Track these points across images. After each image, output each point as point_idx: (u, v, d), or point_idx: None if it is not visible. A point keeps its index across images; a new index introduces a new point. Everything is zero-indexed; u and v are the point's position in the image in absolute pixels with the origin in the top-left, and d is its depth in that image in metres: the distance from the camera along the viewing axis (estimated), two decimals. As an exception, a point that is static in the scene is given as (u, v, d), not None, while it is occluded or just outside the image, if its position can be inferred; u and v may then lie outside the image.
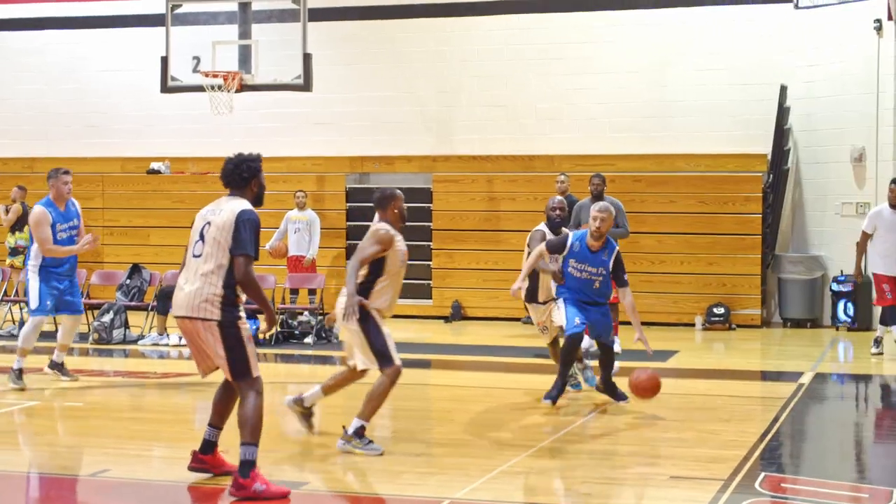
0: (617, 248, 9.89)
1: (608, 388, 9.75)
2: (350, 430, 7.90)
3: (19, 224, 18.16)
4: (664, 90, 19.01)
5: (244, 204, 6.85)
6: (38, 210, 10.36)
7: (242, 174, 7.01)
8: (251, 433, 6.68)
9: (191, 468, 7.37)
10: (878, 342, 14.37)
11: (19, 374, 10.41)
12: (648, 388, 9.21)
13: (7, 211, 19.11)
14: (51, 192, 10.48)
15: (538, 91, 19.58)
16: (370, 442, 7.93)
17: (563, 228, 11.96)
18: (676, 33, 19.10)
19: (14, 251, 18.48)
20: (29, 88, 21.85)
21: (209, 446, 7.21)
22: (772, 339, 17.61)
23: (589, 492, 7.57)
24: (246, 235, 6.74)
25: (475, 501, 7.40)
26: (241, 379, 6.73)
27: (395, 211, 8.04)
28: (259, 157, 7.28)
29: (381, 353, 7.77)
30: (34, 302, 10.76)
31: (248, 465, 6.59)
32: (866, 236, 14.51)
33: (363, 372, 8.51)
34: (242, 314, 6.88)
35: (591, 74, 19.21)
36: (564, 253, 9.89)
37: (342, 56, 20.08)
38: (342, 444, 7.95)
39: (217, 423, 7.14)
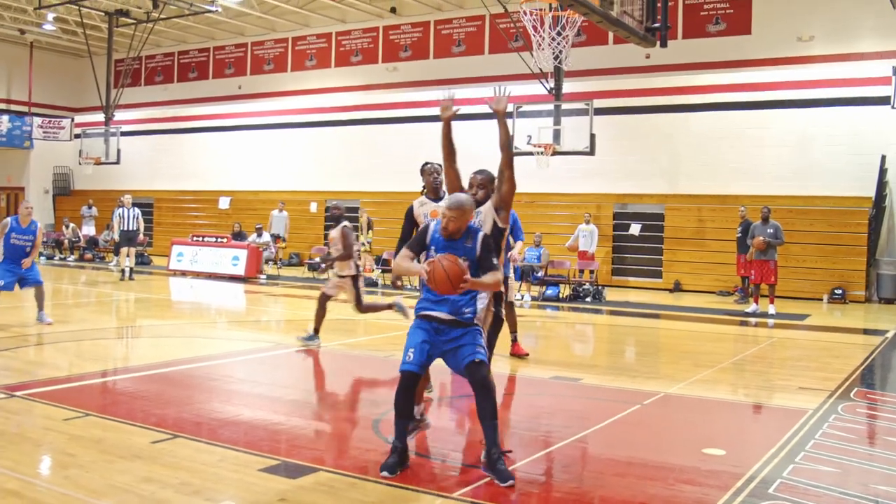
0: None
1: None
2: None
3: None
4: (807, 157, 21.50)
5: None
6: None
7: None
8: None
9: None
10: None
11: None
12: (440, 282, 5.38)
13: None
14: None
15: (729, 156, 22.37)
16: None
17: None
18: (815, 123, 21.48)
19: None
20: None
21: None
22: (871, 310, 18.97)
23: (748, 394, 8.87)
24: None
25: (680, 395, 8.49)
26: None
27: None
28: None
29: None
30: None
31: None
32: None
33: None
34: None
35: (761, 147, 21.92)
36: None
37: (612, 134, 22.91)
38: None
39: None
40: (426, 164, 7.96)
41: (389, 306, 10.88)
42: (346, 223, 11.07)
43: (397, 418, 5.66)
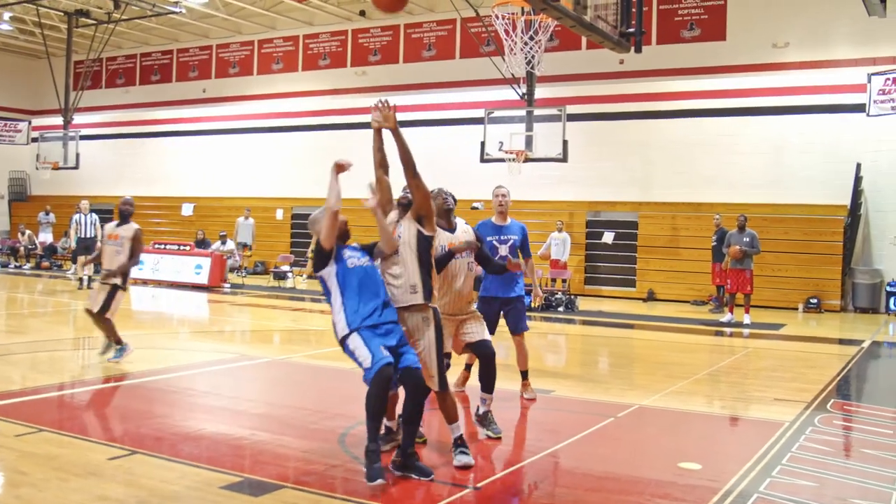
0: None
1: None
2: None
3: None
4: (781, 165, 21.88)
5: None
6: None
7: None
8: None
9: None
10: None
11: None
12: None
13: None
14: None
15: (703, 163, 22.63)
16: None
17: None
18: (789, 130, 21.79)
19: None
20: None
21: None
22: (846, 319, 19.27)
23: (723, 405, 9.01)
24: None
25: (655, 407, 8.62)
26: None
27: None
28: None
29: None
30: None
31: None
32: None
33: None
34: None
35: (736, 154, 22.28)
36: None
37: (585, 140, 23.15)
38: None
39: None
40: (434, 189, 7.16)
41: (119, 341, 10.27)
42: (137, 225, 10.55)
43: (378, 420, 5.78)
